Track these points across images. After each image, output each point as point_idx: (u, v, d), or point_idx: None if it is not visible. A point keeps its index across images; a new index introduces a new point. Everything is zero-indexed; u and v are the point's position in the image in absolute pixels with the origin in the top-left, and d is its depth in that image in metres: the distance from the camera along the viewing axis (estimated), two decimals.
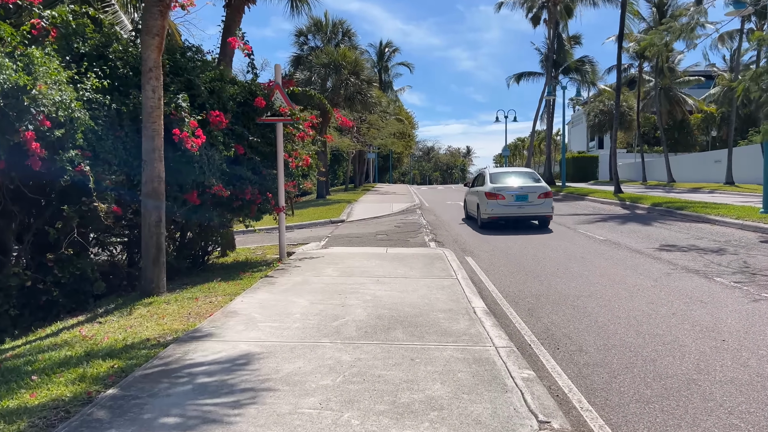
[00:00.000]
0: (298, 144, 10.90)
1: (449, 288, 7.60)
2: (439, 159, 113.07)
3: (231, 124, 9.38)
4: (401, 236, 15.10)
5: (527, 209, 15.58)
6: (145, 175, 7.29)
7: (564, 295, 7.73)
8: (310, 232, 17.52)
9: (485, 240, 13.54)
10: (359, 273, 8.70)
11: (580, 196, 26.77)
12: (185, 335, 5.34)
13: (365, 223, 19.14)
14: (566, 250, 11.69)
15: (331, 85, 28.80)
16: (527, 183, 16.05)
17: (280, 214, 10.29)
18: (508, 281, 8.77)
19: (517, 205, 15.50)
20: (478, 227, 16.27)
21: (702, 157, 45.79)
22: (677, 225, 15.36)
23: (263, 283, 7.92)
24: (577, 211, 20.84)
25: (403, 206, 24.67)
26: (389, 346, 4.96)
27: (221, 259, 11.31)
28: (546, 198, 15.68)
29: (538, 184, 16.00)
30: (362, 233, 16.26)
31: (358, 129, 37.25)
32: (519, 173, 17.29)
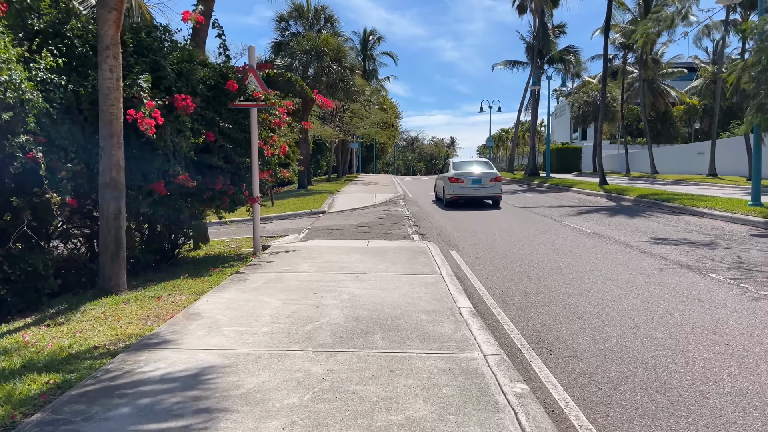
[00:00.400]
0: (280, 131, 10.32)
1: (433, 285, 7.12)
2: (423, 149, 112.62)
3: (201, 109, 8.77)
4: (384, 228, 14.59)
5: (481, 191, 19.29)
6: (103, 164, 6.68)
7: (554, 293, 7.29)
8: (289, 223, 16.94)
9: (471, 233, 13.09)
10: (338, 269, 8.18)
11: (565, 188, 26.49)
12: (139, 342, 4.78)
13: (347, 215, 18.60)
14: (554, 243, 11.28)
15: (313, 72, 28.07)
16: (482, 170, 19.66)
17: (255, 205, 9.71)
18: (494, 277, 8.31)
19: (473, 187, 19.21)
20: (443, 206, 19.93)
21: (685, 149, 45.89)
22: (665, 217, 15.05)
23: (233, 280, 7.37)
24: (562, 202, 20.51)
25: (386, 197, 24.16)
26: (366, 355, 4.46)
27: (193, 253, 10.71)
28: (496, 182, 19.38)
29: (491, 171, 19.69)
30: (344, 225, 15.72)
31: (341, 118, 36.55)
32: (476, 162, 20.91)
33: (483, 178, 19.22)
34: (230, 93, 9.11)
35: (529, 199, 22.03)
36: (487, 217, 16.15)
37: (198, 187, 8.86)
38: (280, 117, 9.64)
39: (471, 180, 19.18)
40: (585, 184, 26.31)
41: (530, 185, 32.09)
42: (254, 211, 9.86)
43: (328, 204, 21.47)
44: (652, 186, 26.84)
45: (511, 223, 14.66)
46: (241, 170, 9.55)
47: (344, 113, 36.38)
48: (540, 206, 19.22)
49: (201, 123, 8.66)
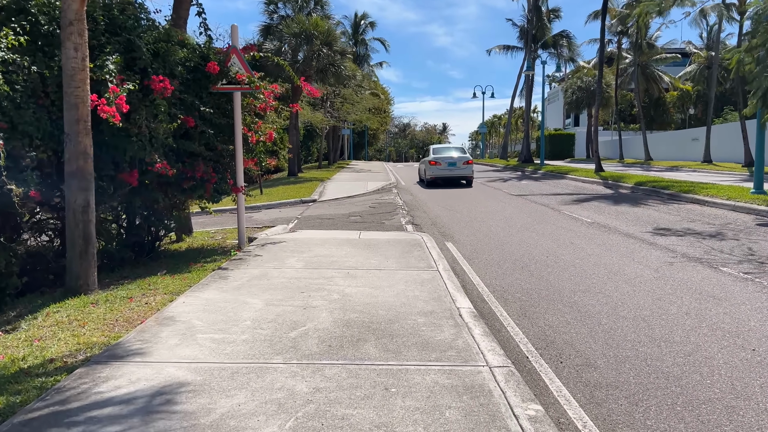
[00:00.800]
0: (267, 116, 9.74)
1: (430, 282, 6.62)
2: (416, 136, 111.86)
3: (180, 92, 8.17)
4: (376, 218, 14.07)
5: (456, 172, 22.36)
6: (69, 151, 6.09)
7: (558, 290, 6.82)
8: (278, 212, 16.38)
9: (466, 223, 12.60)
10: (327, 264, 7.66)
11: (561, 175, 26.04)
12: (102, 353, 4.26)
13: (338, 203, 18.06)
14: (553, 234, 10.81)
15: (303, 56, 27.32)
16: (457, 154, 23.09)
17: (239, 195, 9.15)
18: (494, 272, 7.83)
19: (449, 169, 22.35)
20: (425, 186, 23.28)
21: (679, 135, 45.56)
22: (666, 206, 14.63)
23: (214, 277, 6.83)
24: (558, 190, 20.05)
25: (378, 185, 23.62)
26: (358, 368, 3.96)
27: (175, 246, 10.15)
28: (468, 165, 22.50)
29: (464, 155, 23.05)
30: (334, 214, 15.19)
31: (332, 104, 35.81)
32: (452, 148, 24.54)
33: (457, 161, 22.44)
34: (211, 76, 8.51)
35: (524, 187, 21.57)
36: (482, 207, 15.67)
37: (178, 176, 8.30)
38: (265, 101, 9.05)
39: (447, 163, 22.40)
40: (581, 171, 25.87)
41: (524, 172, 31.64)
42: (239, 202, 9.30)
43: (319, 192, 20.91)
44: (648, 173, 26.46)
45: (507, 213, 14.19)
46: (225, 158, 8.98)
47: (335, 99, 35.63)
48: (536, 194, 18.75)
49: (180, 107, 8.07)
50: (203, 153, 8.48)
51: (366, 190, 21.76)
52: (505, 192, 19.75)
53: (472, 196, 18.46)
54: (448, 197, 18.45)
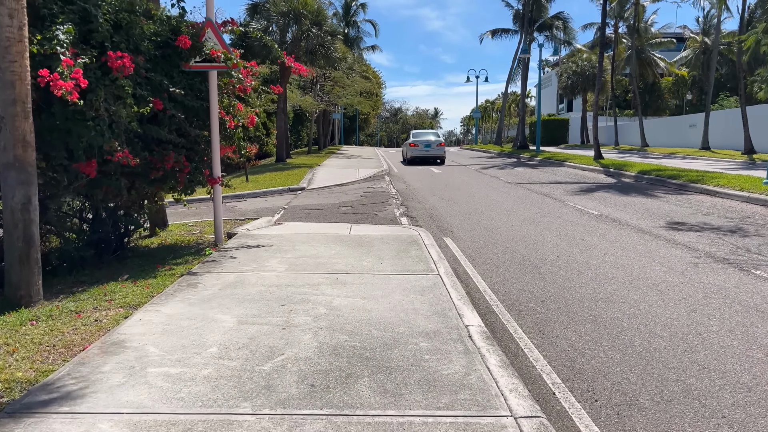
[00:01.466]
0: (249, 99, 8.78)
1: (431, 291, 5.75)
2: (407, 120, 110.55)
3: (147, 70, 7.19)
4: (368, 209, 13.17)
5: (430, 152, 26.69)
6: (4, 138, 5.12)
7: (576, 299, 5.98)
8: (264, 202, 15.44)
9: (465, 215, 11.73)
10: (313, 266, 6.76)
11: (559, 162, 25.20)
12: (21, 399, 3.36)
13: (328, 192, 17.12)
14: (561, 229, 9.96)
15: (291, 37, 26.16)
16: (432, 138, 27.87)
17: (215, 187, 8.20)
18: (501, 276, 6.98)
19: (425, 150, 26.69)
20: (405, 164, 27.56)
21: (676, 122, 44.84)
22: (674, 196, 13.83)
23: (182, 284, 5.92)
24: (558, 178, 19.22)
25: (370, 172, 22.67)
26: (348, 423, 3.09)
27: (146, 241, 9.21)
28: (441, 146, 27.02)
29: (438, 139, 27.88)
30: (324, 204, 14.27)
31: (322, 87, 34.65)
32: (429, 133, 30.25)
33: (432, 144, 27.03)
34: (183, 52, 7.52)
35: (522, 175, 20.72)
36: (480, 197, 14.81)
37: (145, 166, 7.36)
38: (243, 81, 8.07)
39: (424, 145, 26.95)
40: (579, 159, 25.05)
41: (520, 159, 30.78)
42: (215, 194, 8.35)
43: (308, 180, 19.95)
44: (647, 160, 25.68)
45: (507, 204, 13.33)
46: (199, 145, 8.01)
47: (325, 82, 34.47)
48: (535, 183, 17.91)
49: (146, 88, 7.09)
50: (174, 140, 7.52)
51: (357, 178, 20.82)
52: (502, 180, 18.89)
53: (469, 185, 17.59)
54: (443, 186, 17.56)
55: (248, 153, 8.48)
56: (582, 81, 50.11)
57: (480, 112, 62.84)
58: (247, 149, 8.44)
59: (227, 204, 15.36)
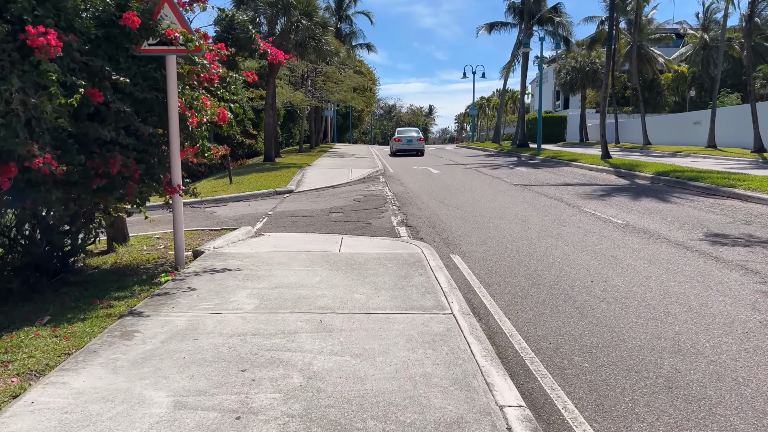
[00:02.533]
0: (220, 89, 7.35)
1: (445, 341, 4.34)
2: (401, 118, 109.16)
3: (83, 54, 5.74)
4: (361, 216, 11.75)
5: (411, 146, 32.18)
6: None
7: (634, 348, 4.58)
8: (247, 206, 13.98)
9: (471, 224, 10.31)
10: (292, 301, 5.33)
11: (563, 162, 23.83)
12: None
13: (317, 195, 15.68)
14: (585, 243, 8.58)
15: (280, 29, 24.66)
16: (413, 134, 33.41)
17: (175, 196, 6.74)
18: (528, 310, 5.57)
19: (407, 144, 32.20)
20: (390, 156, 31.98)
21: (679, 119, 43.60)
22: (701, 201, 12.48)
23: (113, 333, 4.47)
24: (566, 180, 17.84)
25: (363, 172, 21.24)
26: None
27: (99, 260, 7.75)
28: (420, 141, 32.68)
29: (418, 135, 33.44)
30: (312, 210, 12.83)
31: (313, 82, 33.12)
32: (411, 130, 35.38)
33: (413, 139, 32.71)
34: (132, 32, 6.05)
35: (526, 176, 19.34)
36: (485, 201, 13.40)
37: (83, 173, 5.92)
38: (208, 68, 6.62)
39: (406, 140, 32.61)
40: (585, 158, 23.70)
41: (521, 158, 29.42)
42: (175, 206, 6.87)
43: (297, 181, 18.49)
44: (653, 158, 24.37)
45: (517, 210, 11.93)
46: (153, 146, 6.56)
47: (316, 77, 32.94)
48: (542, 184, 16.54)
49: (82, 75, 5.64)
50: (121, 139, 6.06)
51: (350, 179, 19.39)
52: (506, 182, 17.49)
53: (472, 188, 16.19)
54: (444, 188, 16.15)
55: (213, 156, 7.02)
56: (581, 77, 48.81)
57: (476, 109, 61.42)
58: (212, 151, 6.97)
59: (206, 210, 13.91)
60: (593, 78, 48.35)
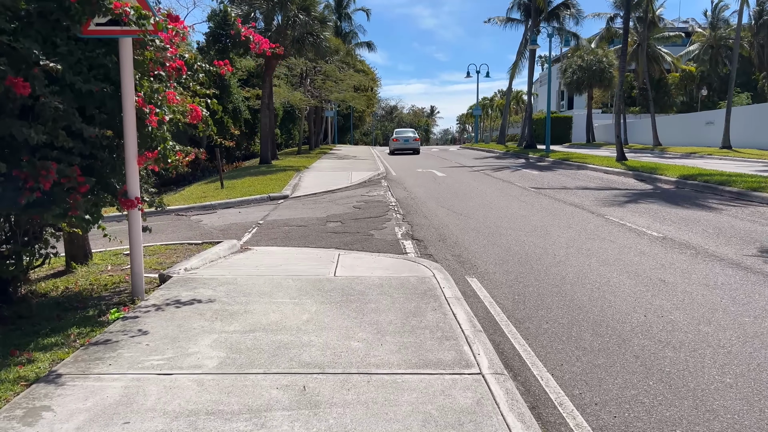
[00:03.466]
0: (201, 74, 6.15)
1: (477, 427, 3.09)
2: (403, 118, 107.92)
3: (10, 33, 4.53)
4: (362, 226, 10.51)
5: (408, 145, 34.82)
6: None
7: (739, 430, 3.34)
8: (237, 214, 12.75)
9: (486, 236, 9.05)
10: (268, 355, 4.08)
11: (576, 164, 22.55)
12: None
13: (314, 201, 14.45)
14: (623, 261, 7.32)
15: (276, 24, 23.43)
16: (410, 134, 36.21)
17: (131, 212, 5.49)
18: (575, 362, 4.32)
19: (404, 144, 34.89)
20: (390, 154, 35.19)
21: (690, 119, 42.27)
22: (739, 209, 11.22)
23: (8, 419, 3.22)
24: (583, 184, 16.58)
25: (364, 175, 20.00)
26: None
27: (50, 283, 6.51)
28: (416, 141, 35.56)
29: (414, 135, 36.21)
30: (308, 218, 11.60)
31: (312, 81, 31.89)
32: (408, 130, 38.24)
33: (409, 139, 35.34)
34: (72, 8, 4.81)
35: (538, 179, 18.08)
36: (498, 208, 12.15)
37: (8, 185, 4.70)
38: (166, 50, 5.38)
39: (403, 140, 35.24)
40: (598, 160, 22.43)
41: (529, 160, 28.15)
42: (131, 224, 5.59)
43: (293, 186, 17.25)
44: (667, 160, 23.12)
45: (536, 218, 10.68)
46: (105, 150, 5.32)
47: (315, 76, 31.70)
48: (557, 188, 15.29)
49: (4, 60, 4.41)
50: (62, 142, 4.82)
51: (350, 183, 18.15)
52: (518, 186, 16.24)
53: (481, 193, 14.94)
54: (451, 193, 14.90)
55: (178, 162, 5.77)
56: (588, 76, 47.49)
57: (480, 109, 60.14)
58: (178, 156, 5.71)
59: (191, 218, 12.69)
60: (600, 77, 47.07)
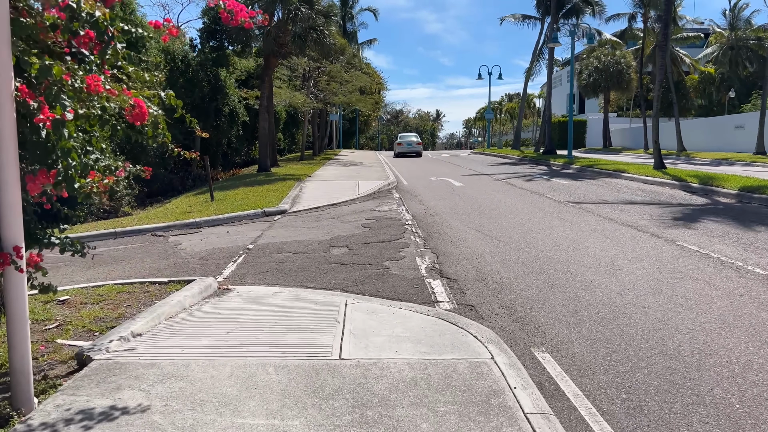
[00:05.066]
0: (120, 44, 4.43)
1: None
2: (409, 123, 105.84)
3: None
4: (373, 254, 8.38)
5: (411, 149, 37.15)
6: None
7: None
8: (224, 235, 10.66)
9: (537, 273, 6.89)
10: None
11: (607, 172, 20.37)
12: None
13: (316, 218, 12.35)
14: (746, 318, 5.16)
15: (277, 18, 21.41)
16: (413, 139, 39.09)
17: (8, 271, 3.36)
18: None
19: (407, 147, 37.22)
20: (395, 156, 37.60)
21: (717, 123, 39.96)
22: None
23: None
24: (625, 196, 14.41)
25: (373, 185, 17.89)
26: None
27: None
28: (419, 145, 38.21)
29: (416, 139, 39.09)
30: (307, 242, 9.50)
31: (316, 82, 29.84)
32: (411, 135, 41.76)
33: (412, 143, 37.69)
34: None
35: (570, 190, 15.92)
36: (537, 228, 10.01)
37: None
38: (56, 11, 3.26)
39: (406, 144, 37.57)
40: (632, 168, 20.24)
41: (552, 167, 25.96)
42: (6, 294, 3.46)
43: (292, 198, 15.16)
44: (696, 167, 20.94)
45: (590, 244, 8.53)
46: None
47: (319, 77, 29.66)
48: (597, 202, 13.14)
49: None
50: None
51: (357, 194, 16.05)
52: (551, 198, 14.10)
53: (511, 207, 12.80)
54: (476, 208, 12.76)
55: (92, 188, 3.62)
56: (605, 78, 45.31)
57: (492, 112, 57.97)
58: (92, 176, 3.58)
59: (170, 240, 10.60)
60: (618, 79, 44.90)
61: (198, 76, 21.33)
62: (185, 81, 21.05)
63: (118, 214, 15.94)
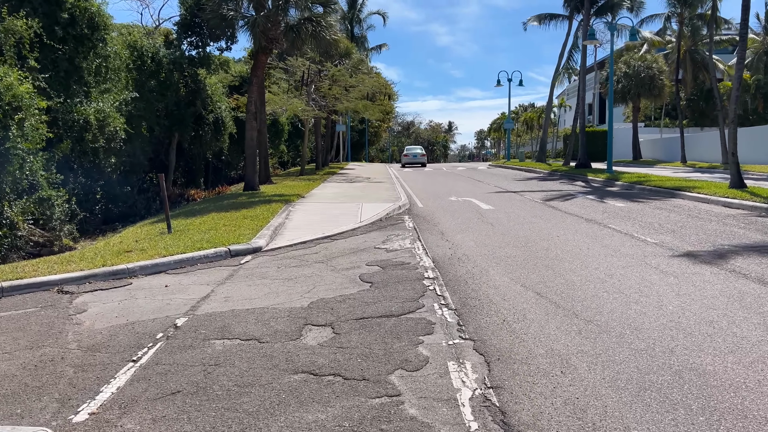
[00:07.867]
0: None
1: None
2: (420, 134, 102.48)
3: None
4: (373, 348, 4.76)
5: (416, 160, 42.82)
6: None
7: None
8: (158, 292, 7.09)
9: (689, 409, 3.28)
10: None
11: (669, 191, 16.61)
12: None
13: (298, 263, 8.77)
14: None
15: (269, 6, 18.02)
16: (418, 151, 45.05)
17: None
18: None
19: (413, 158, 43.10)
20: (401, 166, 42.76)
21: (763, 132, 35.96)
22: None
23: None
24: (717, 227, 10.69)
25: (380, 209, 14.31)
26: None
27: None
28: (423, 156, 44.17)
29: (421, 151, 45.17)
30: (272, 311, 5.90)
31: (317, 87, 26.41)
32: (416, 147, 47.28)
33: (418, 155, 43.39)
34: None
35: (637, 218, 12.22)
36: (633, 290, 6.35)
37: None
38: None
39: (412, 155, 43.37)
40: (702, 186, 16.48)
41: (591, 184, 22.22)
42: None
43: (274, 228, 11.60)
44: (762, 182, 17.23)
45: (725, 326, 4.86)
46: None
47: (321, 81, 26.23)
48: (694, 240, 9.47)
49: None
50: None
51: (359, 221, 12.48)
52: (618, 231, 10.42)
53: (569, 243, 9.15)
54: (521, 246, 9.11)
55: None
56: (635, 84, 41.56)
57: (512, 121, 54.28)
58: None
59: (75, 302, 7.04)
60: (650, 86, 41.13)
61: (172, 78, 18.02)
62: (157, 83, 17.73)
63: (54, 248, 12.48)
